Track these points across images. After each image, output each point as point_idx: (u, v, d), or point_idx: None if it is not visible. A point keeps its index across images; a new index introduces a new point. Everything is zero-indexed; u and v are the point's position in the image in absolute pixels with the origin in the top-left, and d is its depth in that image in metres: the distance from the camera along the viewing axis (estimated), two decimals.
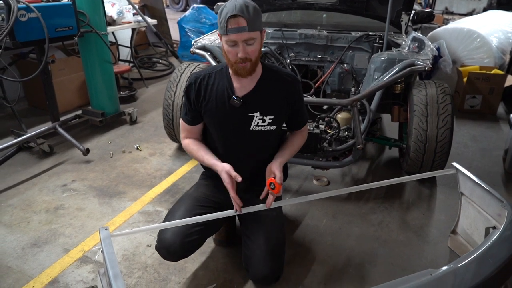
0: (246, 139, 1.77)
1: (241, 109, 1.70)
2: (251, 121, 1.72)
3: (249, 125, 1.73)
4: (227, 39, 1.55)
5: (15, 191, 2.63)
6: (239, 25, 1.49)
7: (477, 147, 3.39)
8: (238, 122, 1.73)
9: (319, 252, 2.11)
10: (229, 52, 1.57)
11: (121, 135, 3.52)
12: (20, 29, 2.62)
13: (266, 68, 1.74)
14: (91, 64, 3.47)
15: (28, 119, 3.66)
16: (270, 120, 1.73)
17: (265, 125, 1.73)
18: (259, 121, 1.72)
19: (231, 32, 1.51)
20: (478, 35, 4.48)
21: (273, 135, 1.80)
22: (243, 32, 1.50)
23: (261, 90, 1.71)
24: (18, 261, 2.01)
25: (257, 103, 1.71)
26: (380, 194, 2.64)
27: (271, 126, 1.74)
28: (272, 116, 1.73)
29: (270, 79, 1.72)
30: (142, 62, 5.68)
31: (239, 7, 1.48)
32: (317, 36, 3.12)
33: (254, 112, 1.71)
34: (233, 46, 1.55)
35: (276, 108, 1.73)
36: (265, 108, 1.72)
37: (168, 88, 2.91)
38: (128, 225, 2.30)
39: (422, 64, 2.46)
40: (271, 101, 1.72)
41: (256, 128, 1.73)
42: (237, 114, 1.71)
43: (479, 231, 1.90)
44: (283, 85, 1.73)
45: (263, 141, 1.80)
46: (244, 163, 1.82)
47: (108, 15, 4.14)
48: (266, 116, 1.72)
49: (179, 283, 1.89)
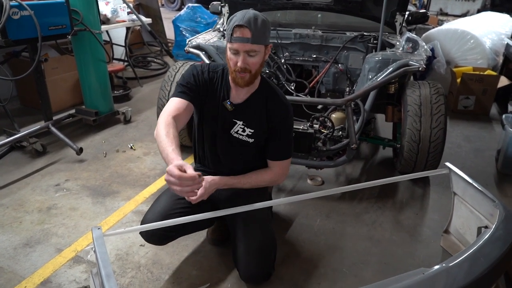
0: (228, 140, 1.81)
1: (229, 113, 1.76)
2: (233, 126, 1.78)
3: (231, 128, 1.78)
4: (230, 46, 1.59)
5: (7, 190, 2.60)
6: (243, 36, 1.54)
7: (470, 147, 3.41)
8: (224, 122, 1.78)
9: (313, 251, 2.12)
10: (230, 59, 1.62)
11: (115, 134, 3.50)
12: (12, 27, 2.59)
13: (264, 84, 1.78)
14: (84, 63, 3.44)
15: (20, 118, 3.62)
16: (249, 133, 1.78)
17: (244, 135, 1.78)
18: (240, 129, 1.78)
19: (234, 41, 1.56)
20: (472, 36, 4.51)
21: (250, 148, 1.82)
22: (246, 43, 1.54)
23: (252, 103, 1.75)
24: (10, 261, 1.99)
25: (244, 114, 1.76)
26: (374, 193, 2.65)
27: (248, 138, 1.78)
28: (252, 130, 1.78)
29: (264, 95, 1.76)
30: (137, 61, 5.65)
31: (247, 18, 1.53)
32: (312, 36, 3.13)
33: (238, 120, 1.76)
34: (235, 54, 1.59)
35: (257, 125, 1.77)
36: (248, 120, 1.76)
37: (163, 87, 2.90)
38: (122, 225, 2.29)
39: (416, 65, 2.47)
40: (255, 117, 1.77)
41: (235, 134, 1.78)
42: (225, 116, 1.77)
43: (471, 231, 1.91)
44: (273, 104, 1.76)
45: (241, 148, 1.82)
46: (226, 165, 1.86)
47: (102, 14, 4.11)
48: (247, 128, 1.77)
49: (172, 282, 1.88)
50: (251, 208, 1.65)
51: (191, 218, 1.56)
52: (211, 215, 1.60)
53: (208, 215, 1.59)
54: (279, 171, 1.84)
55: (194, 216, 1.57)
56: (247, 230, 1.78)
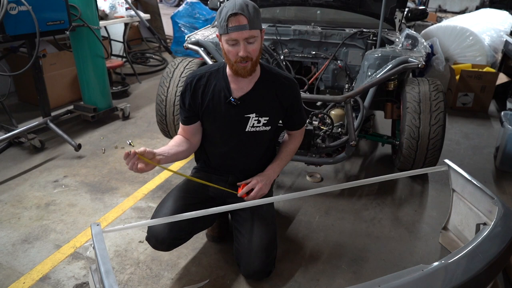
0: (241, 139, 1.79)
1: (238, 110, 1.72)
2: (247, 122, 1.75)
3: (245, 126, 1.76)
4: (227, 38, 1.54)
5: (6, 186, 2.59)
6: (240, 23, 1.49)
7: (469, 144, 3.42)
8: (234, 123, 1.75)
9: (312, 248, 2.12)
10: (229, 52, 1.57)
11: (113, 130, 3.49)
12: (10, 22, 2.58)
13: (264, 69, 1.75)
14: (83, 58, 3.43)
15: (18, 114, 3.61)
16: (265, 121, 1.76)
17: (260, 126, 1.77)
18: (255, 122, 1.75)
19: (232, 31, 1.50)
20: (470, 33, 4.50)
21: (267, 135, 1.83)
22: (244, 30, 1.50)
23: (258, 91, 1.72)
24: (8, 258, 1.99)
25: (254, 104, 1.73)
26: (373, 190, 2.65)
27: (265, 127, 1.78)
28: (268, 118, 1.76)
29: (268, 81, 1.74)
30: (135, 57, 5.63)
31: (239, 5, 1.49)
32: (311, 33, 3.12)
33: (250, 113, 1.74)
34: (234, 45, 1.55)
35: (271, 110, 1.76)
36: (261, 109, 1.74)
37: (161, 83, 2.89)
38: (121, 221, 2.29)
39: (415, 62, 2.46)
40: (267, 103, 1.74)
41: (251, 129, 1.76)
42: (234, 115, 1.73)
43: (470, 227, 1.92)
44: (280, 88, 1.75)
45: (257, 140, 1.82)
46: (238, 160, 1.86)
47: (100, 9, 4.09)
48: (261, 117, 1.75)
49: (171, 279, 1.88)
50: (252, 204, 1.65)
51: (198, 213, 1.56)
52: (217, 210, 1.60)
53: (213, 210, 1.59)
54: (300, 137, 1.99)
55: (200, 211, 1.57)
56: (253, 226, 1.79)
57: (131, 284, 1.84)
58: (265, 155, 1.91)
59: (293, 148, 1.96)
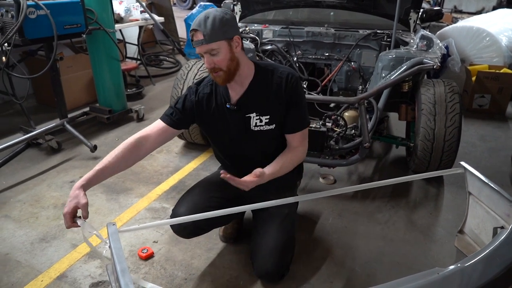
0: (249, 139, 1.80)
1: (237, 113, 1.75)
2: (249, 122, 1.76)
3: (248, 126, 1.76)
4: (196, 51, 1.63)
5: (24, 186, 2.65)
6: (197, 39, 1.55)
7: (485, 147, 3.36)
8: (238, 125, 1.77)
9: (325, 250, 2.11)
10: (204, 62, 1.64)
11: (128, 132, 3.54)
12: (29, 26, 2.64)
13: (259, 69, 1.74)
14: (98, 61, 3.49)
15: (36, 116, 3.69)
16: (267, 120, 1.75)
17: (263, 124, 1.76)
18: (257, 121, 1.76)
19: (194, 45, 1.59)
20: (487, 33, 4.43)
21: (274, 134, 1.79)
22: (201, 45, 1.55)
23: (254, 91, 1.73)
24: (27, 256, 2.03)
25: (252, 104, 1.74)
26: (387, 193, 2.63)
27: (269, 126, 1.76)
28: (268, 116, 1.75)
29: (263, 80, 1.73)
30: (149, 60, 5.70)
31: (198, 21, 1.55)
32: (325, 34, 3.11)
33: (250, 113, 1.75)
34: (202, 57, 1.61)
35: (271, 108, 1.74)
36: (260, 108, 1.74)
37: (175, 85, 2.93)
38: (135, 221, 2.32)
39: (431, 63, 2.44)
40: (265, 102, 1.74)
41: (255, 128, 1.76)
42: (236, 118, 1.76)
43: (487, 231, 1.89)
44: (275, 84, 1.72)
45: (265, 139, 1.81)
46: (249, 162, 1.84)
47: (115, 13, 4.16)
48: (262, 116, 1.75)
49: (185, 279, 1.90)
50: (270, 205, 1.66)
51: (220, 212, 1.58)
52: (237, 210, 1.61)
53: (234, 210, 1.61)
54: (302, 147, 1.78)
55: (223, 210, 1.60)
56: (270, 227, 1.80)
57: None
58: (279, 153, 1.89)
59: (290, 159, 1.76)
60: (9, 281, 1.87)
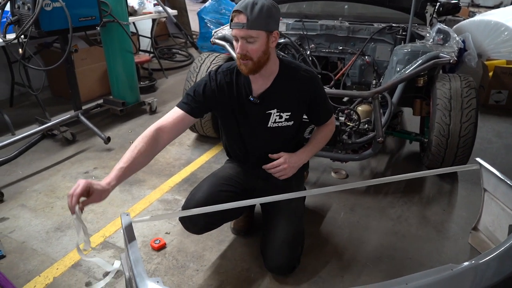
0: (265, 134, 1.80)
1: (259, 107, 1.74)
2: (268, 118, 1.76)
3: (267, 122, 1.76)
4: (231, 33, 1.59)
5: (40, 177, 2.70)
6: (239, 21, 1.52)
7: (502, 143, 3.30)
8: (257, 119, 1.77)
9: (337, 244, 2.11)
10: (235, 46, 1.61)
11: (141, 124, 3.57)
12: (45, 18, 2.67)
13: (284, 65, 1.74)
14: (112, 53, 3.51)
15: (51, 108, 3.75)
16: (287, 117, 1.76)
17: (282, 121, 1.77)
18: (277, 117, 1.76)
19: (232, 27, 1.56)
20: (506, 28, 4.32)
21: (290, 130, 1.83)
22: (241, 29, 1.52)
23: (277, 88, 1.73)
24: (43, 244, 2.08)
25: (274, 100, 1.74)
26: (400, 188, 2.60)
27: (288, 122, 1.78)
28: (289, 113, 1.76)
29: (287, 77, 1.73)
30: (162, 53, 5.72)
31: (245, 4, 1.52)
32: (339, 28, 3.08)
33: (271, 110, 1.74)
34: (236, 41, 1.58)
35: (293, 105, 1.76)
36: (282, 105, 1.74)
37: (188, 78, 2.93)
38: (148, 213, 2.34)
39: (447, 57, 2.39)
40: (287, 99, 1.74)
41: (273, 125, 1.77)
42: (255, 111, 1.75)
43: (502, 228, 1.86)
44: (299, 82, 1.74)
45: (281, 135, 1.82)
46: (263, 155, 1.85)
47: (129, 6, 4.17)
48: (283, 113, 1.75)
49: (196, 270, 1.91)
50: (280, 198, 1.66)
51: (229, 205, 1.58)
52: (248, 203, 1.62)
53: (244, 202, 1.61)
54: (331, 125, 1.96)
55: (234, 203, 1.60)
56: (279, 220, 1.81)
57: (157, 274, 1.88)
58: (294, 151, 1.90)
59: (324, 135, 1.93)
60: (25, 268, 1.91)
